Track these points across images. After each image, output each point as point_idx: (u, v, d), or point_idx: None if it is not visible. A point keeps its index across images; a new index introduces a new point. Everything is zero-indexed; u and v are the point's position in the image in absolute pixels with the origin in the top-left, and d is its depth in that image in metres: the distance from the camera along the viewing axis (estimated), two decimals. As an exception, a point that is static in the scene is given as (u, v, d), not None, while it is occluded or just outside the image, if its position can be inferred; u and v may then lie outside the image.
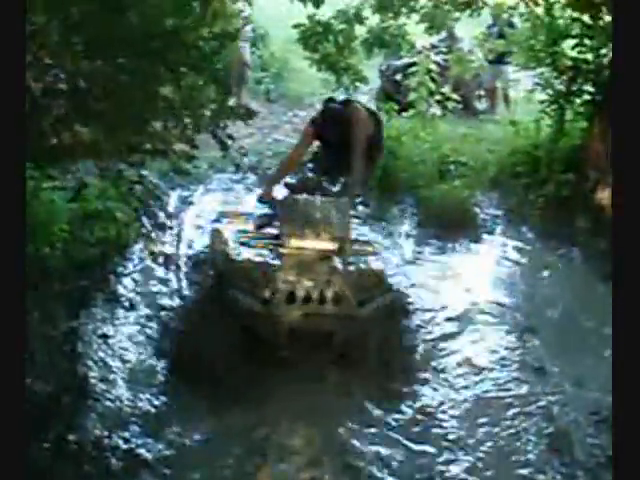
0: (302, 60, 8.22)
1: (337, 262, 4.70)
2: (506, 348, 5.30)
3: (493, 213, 7.61)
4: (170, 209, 7.12)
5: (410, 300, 5.45)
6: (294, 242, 4.64)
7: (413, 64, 9.20)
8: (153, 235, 6.74)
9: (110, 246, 6.10)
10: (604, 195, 7.19)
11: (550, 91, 7.82)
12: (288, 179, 5.48)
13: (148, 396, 4.57)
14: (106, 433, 4.19)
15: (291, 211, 4.73)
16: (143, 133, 4.66)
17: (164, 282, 5.94)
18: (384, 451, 4.19)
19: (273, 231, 5.16)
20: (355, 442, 4.23)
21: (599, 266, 6.43)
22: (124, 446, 4.11)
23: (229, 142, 4.77)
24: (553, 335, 5.49)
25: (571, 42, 7.59)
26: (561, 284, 6.38)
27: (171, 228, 6.77)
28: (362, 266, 4.83)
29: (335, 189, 5.20)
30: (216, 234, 5.61)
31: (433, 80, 8.68)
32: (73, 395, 4.49)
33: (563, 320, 5.74)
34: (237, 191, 7.97)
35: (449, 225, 7.12)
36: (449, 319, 5.70)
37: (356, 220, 5.30)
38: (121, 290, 5.78)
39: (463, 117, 10.05)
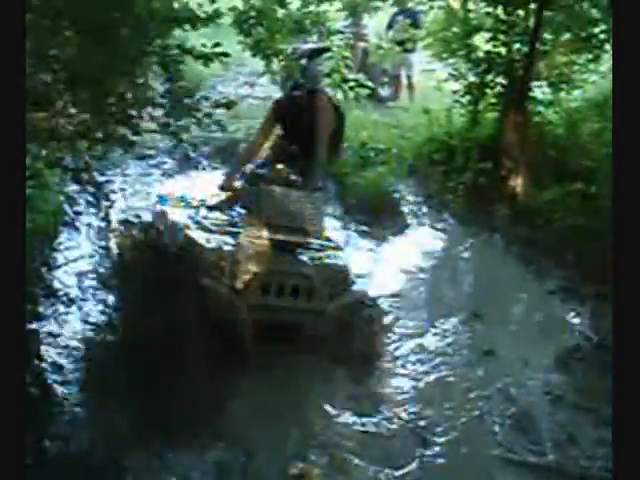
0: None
1: (307, 256, 4.72)
2: (453, 333, 5.48)
3: (413, 200, 7.80)
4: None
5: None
6: (267, 233, 4.61)
7: (324, 49, 9.20)
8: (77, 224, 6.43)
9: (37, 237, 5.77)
10: (517, 183, 7.60)
11: (464, 82, 8.10)
12: (257, 170, 5.36)
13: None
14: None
15: (266, 202, 4.67)
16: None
17: (99, 274, 5.69)
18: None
19: (224, 217, 5.12)
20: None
21: (519, 251, 6.84)
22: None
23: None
24: (493, 319, 5.72)
25: (485, 35, 7.88)
26: (487, 269, 6.68)
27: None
28: (329, 261, 4.88)
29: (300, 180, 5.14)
30: (162, 216, 5.48)
31: (347, 67, 8.75)
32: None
33: (498, 304, 6.00)
34: (155, 176, 7.75)
35: (376, 212, 7.26)
36: (391, 306, 5.82)
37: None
38: (57, 284, 5.48)
39: (367, 104, 10.16)
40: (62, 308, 5.23)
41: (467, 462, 4.26)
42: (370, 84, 9.05)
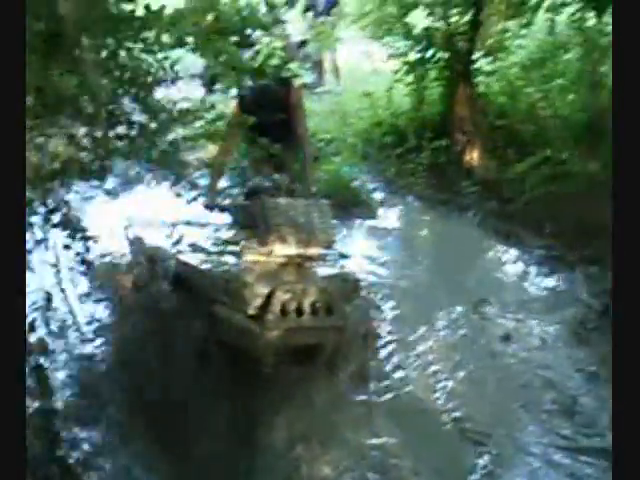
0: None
1: (321, 268, 4.40)
2: (463, 323, 5.30)
3: (372, 186, 7.58)
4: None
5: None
6: (277, 248, 4.24)
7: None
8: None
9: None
10: (472, 157, 7.52)
11: (404, 60, 7.92)
12: (251, 183, 4.97)
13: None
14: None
15: (272, 215, 4.27)
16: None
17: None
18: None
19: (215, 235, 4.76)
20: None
21: (495, 227, 6.74)
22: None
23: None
24: (493, 301, 5.59)
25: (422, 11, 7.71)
26: (468, 250, 6.54)
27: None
28: (339, 271, 4.63)
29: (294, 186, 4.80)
30: (138, 242, 5.05)
31: (280, 58, 8.38)
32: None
33: (492, 285, 5.87)
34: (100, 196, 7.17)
35: (342, 205, 6.98)
36: (382, 298, 5.58)
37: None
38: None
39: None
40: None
41: (522, 457, 4.07)
42: (303, 72, 8.73)
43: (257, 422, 4.01)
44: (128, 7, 3.43)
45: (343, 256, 4.83)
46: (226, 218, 4.99)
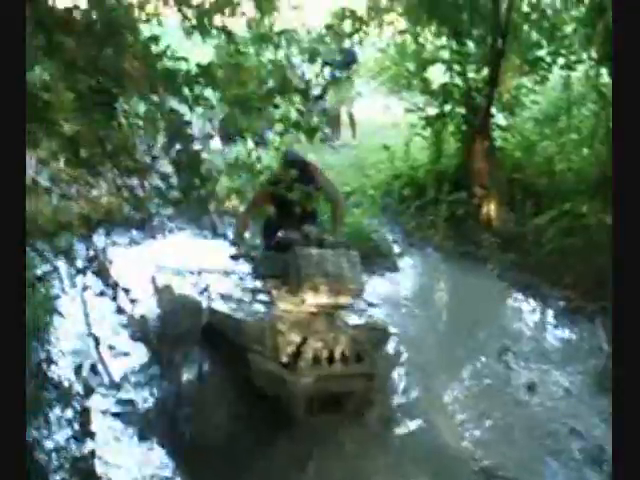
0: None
1: (350, 317, 4.49)
2: (487, 373, 5.35)
3: (392, 238, 7.70)
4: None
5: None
6: (308, 297, 4.34)
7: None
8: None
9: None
10: (490, 209, 7.65)
11: (422, 114, 8.12)
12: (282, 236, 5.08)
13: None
14: None
15: (304, 264, 4.37)
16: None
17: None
18: None
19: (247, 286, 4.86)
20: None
21: (514, 278, 6.83)
22: None
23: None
24: (516, 352, 5.64)
25: (440, 67, 7.94)
26: (488, 301, 6.61)
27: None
28: (367, 320, 4.73)
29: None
30: (167, 291, 5.15)
31: (298, 111, 8.59)
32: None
33: (513, 335, 5.93)
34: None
35: (361, 256, 7.07)
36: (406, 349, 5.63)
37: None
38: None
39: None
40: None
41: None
42: (322, 126, 8.90)
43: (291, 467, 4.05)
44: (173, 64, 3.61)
45: (371, 305, 4.91)
46: (248, 268, 5.09)
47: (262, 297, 4.77)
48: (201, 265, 5.51)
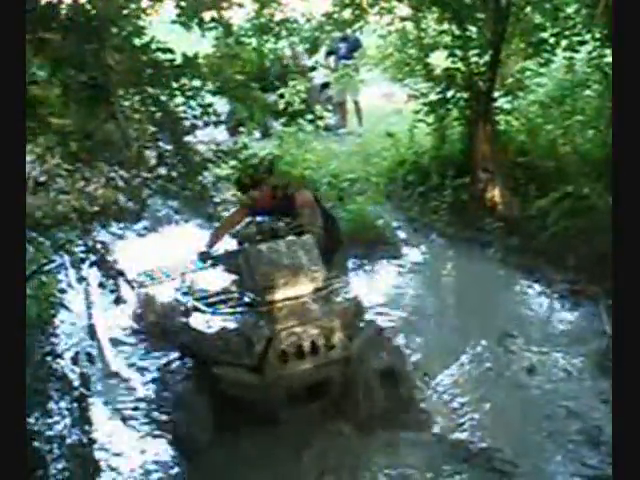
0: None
1: (317, 304, 4.35)
2: (487, 356, 5.37)
3: (397, 225, 7.72)
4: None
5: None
6: (270, 295, 4.24)
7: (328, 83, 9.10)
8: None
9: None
10: (494, 194, 7.64)
11: (425, 101, 8.11)
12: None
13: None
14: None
15: (256, 264, 4.31)
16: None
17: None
18: None
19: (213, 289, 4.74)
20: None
21: (518, 262, 6.82)
22: None
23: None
24: (517, 334, 5.65)
25: (442, 53, 7.91)
26: (492, 285, 6.62)
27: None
28: (339, 300, 4.50)
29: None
30: (148, 300, 5.17)
31: (303, 101, 8.63)
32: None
33: (517, 319, 5.94)
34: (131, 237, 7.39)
35: (367, 244, 7.13)
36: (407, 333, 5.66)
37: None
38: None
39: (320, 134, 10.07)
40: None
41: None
42: (327, 114, 8.96)
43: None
44: (165, 56, 3.66)
45: (344, 282, 4.78)
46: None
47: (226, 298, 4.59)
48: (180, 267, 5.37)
